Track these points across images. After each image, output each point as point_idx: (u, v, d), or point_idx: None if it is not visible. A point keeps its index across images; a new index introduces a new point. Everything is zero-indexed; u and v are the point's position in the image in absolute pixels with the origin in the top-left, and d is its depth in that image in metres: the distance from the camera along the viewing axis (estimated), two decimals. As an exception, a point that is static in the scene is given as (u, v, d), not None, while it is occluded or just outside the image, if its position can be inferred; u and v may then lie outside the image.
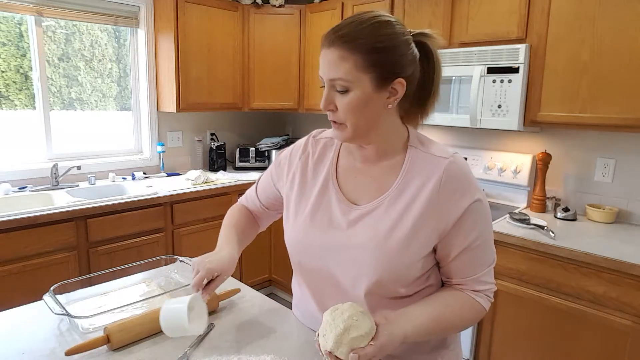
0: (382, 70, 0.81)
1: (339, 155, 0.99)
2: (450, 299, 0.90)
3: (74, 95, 2.82)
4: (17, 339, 0.99)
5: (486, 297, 0.92)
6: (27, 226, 2.04)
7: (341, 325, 0.76)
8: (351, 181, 0.95)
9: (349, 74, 0.80)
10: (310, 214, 0.96)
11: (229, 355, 0.93)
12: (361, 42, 0.79)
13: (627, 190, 2.11)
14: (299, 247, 0.98)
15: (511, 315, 1.96)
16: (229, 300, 1.19)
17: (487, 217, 0.89)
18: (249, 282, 2.95)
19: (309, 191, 0.98)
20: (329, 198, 0.95)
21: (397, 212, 0.87)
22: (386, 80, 0.82)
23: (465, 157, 2.58)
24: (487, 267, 0.90)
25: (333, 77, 0.82)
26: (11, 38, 2.53)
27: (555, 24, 1.97)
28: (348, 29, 0.81)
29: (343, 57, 0.80)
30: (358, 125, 0.85)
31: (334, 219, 0.92)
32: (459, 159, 0.88)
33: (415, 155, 0.90)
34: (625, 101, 1.81)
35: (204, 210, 2.74)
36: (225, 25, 3.03)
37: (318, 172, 0.99)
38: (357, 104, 0.82)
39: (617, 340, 1.68)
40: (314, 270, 0.97)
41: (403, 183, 0.88)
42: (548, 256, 1.81)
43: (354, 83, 0.81)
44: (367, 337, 0.76)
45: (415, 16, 2.46)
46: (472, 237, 0.87)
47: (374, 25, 0.81)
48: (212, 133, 3.45)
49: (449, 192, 0.85)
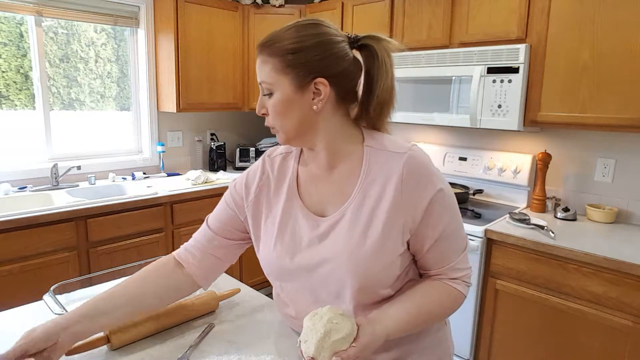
0: (299, 71, 0.82)
1: (299, 167, 0.96)
2: (428, 289, 0.91)
3: (73, 95, 2.82)
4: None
5: (463, 282, 0.93)
6: (27, 226, 2.04)
7: (321, 330, 0.75)
8: (313, 191, 0.93)
9: (269, 76, 0.84)
10: (278, 236, 0.93)
11: (229, 355, 0.93)
12: (277, 45, 0.83)
13: (627, 190, 2.11)
14: (273, 271, 0.95)
15: (511, 315, 1.96)
16: (229, 300, 1.19)
17: (453, 205, 0.90)
18: (249, 282, 2.95)
19: (274, 211, 0.95)
20: (295, 215, 0.93)
21: (365, 216, 0.86)
22: (305, 80, 0.83)
23: (465, 157, 2.59)
24: (460, 253, 0.92)
25: (260, 81, 0.86)
26: (12, 38, 2.53)
27: (555, 24, 1.97)
28: (271, 36, 0.85)
29: (264, 62, 0.85)
30: (287, 127, 0.87)
31: (303, 237, 0.91)
32: (416, 152, 0.87)
33: (373, 155, 0.89)
34: (625, 101, 1.81)
35: (204, 210, 2.74)
36: (225, 25, 3.03)
37: (280, 188, 0.96)
38: (280, 105, 0.85)
39: (617, 340, 1.68)
40: (294, 290, 0.95)
41: (365, 185, 0.87)
42: (548, 256, 1.81)
43: (274, 85, 0.84)
44: (348, 339, 0.76)
45: (415, 16, 2.47)
46: (441, 227, 0.87)
47: (292, 29, 0.84)
48: (212, 133, 3.45)
49: (412, 186, 0.85)
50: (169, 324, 1.03)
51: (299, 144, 0.92)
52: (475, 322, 2.07)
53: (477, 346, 2.10)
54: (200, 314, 1.09)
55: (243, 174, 1.02)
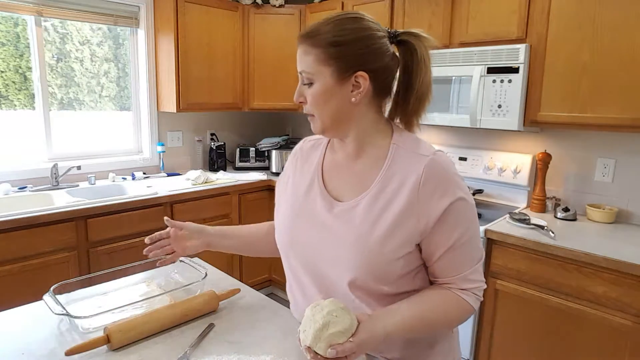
0: (341, 63, 0.85)
1: (325, 154, 1.02)
2: (435, 296, 0.90)
3: (73, 95, 2.82)
4: (17, 339, 0.99)
5: (474, 295, 0.91)
6: (27, 226, 2.04)
7: (320, 321, 0.76)
8: (335, 177, 0.97)
9: (310, 66, 0.86)
10: (296, 210, 0.99)
11: (229, 355, 0.93)
12: (321, 37, 0.85)
13: (627, 190, 2.11)
14: (285, 241, 1.01)
15: (511, 315, 1.96)
16: (229, 300, 1.19)
17: (471, 215, 0.89)
18: (249, 282, 2.95)
19: (297, 189, 1.02)
20: (314, 195, 0.97)
21: (378, 208, 0.88)
22: (346, 73, 0.85)
23: (465, 157, 2.58)
24: (473, 265, 0.90)
25: (299, 70, 0.89)
26: (10, 38, 2.54)
27: (555, 24, 1.97)
28: (313, 27, 0.87)
29: (306, 52, 0.87)
30: (324, 117, 0.90)
31: (318, 215, 0.95)
32: (440, 157, 0.88)
33: (397, 153, 0.91)
34: (625, 101, 1.81)
35: (204, 210, 2.74)
36: (225, 25, 3.03)
37: (305, 171, 1.03)
38: (320, 95, 0.87)
39: (617, 340, 1.68)
40: (301, 265, 0.98)
41: (384, 179, 0.89)
42: (548, 256, 1.81)
43: (315, 75, 0.86)
44: (346, 333, 0.76)
45: (415, 16, 2.47)
46: (455, 236, 0.86)
47: (337, 21, 0.86)
48: (212, 133, 3.45)
49: (429, 191, 0.85)
50: (169, 324, 1.03)
51: (332, 134, 0.95)
52: (475, 322, 2.07)
53: (477, 346, 2.10)
54: (200, 314, 1.09)
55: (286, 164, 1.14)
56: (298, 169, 1.05)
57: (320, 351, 0.75)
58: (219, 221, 2.84)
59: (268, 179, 3.09)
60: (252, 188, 3.01)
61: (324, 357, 0.75)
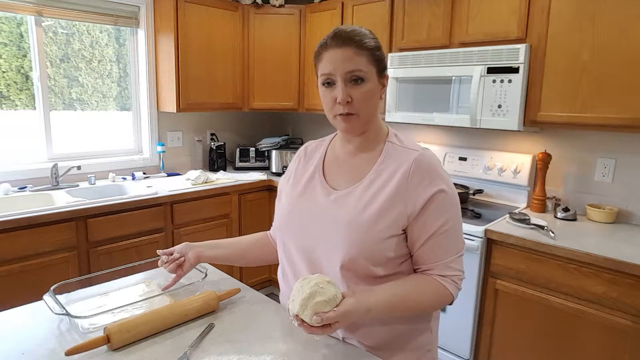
0: (381, 65, 0.99)
1: (327, 152, 1.13)
2: (416, 280, 0.99)
3: (74, 95, 2.82)
4: (17, 339, 0.99)
5: (453, 282, 0.99)
6: (27, 226, 2.04)
7: (307, 291, 0.83)
8: (334, 171, 1.08)
9: (364, 65, 0.95)
10: (297, 196, 1.09)
11: (228, 355, 0.93)
12: (367, 41, 0.96)
13: (627, 190, 2.11)
14: (283, 222, 1.10)
15: (511, 315, 1.96)
16: (229, 300, 1.19)
17: (453, 207, 0.99)
18: (249, 282, 2.95)
19: (299, 182, 1.12)
20: (314, 185, 1.08)
21: (371, 193, 0.98)
22: (382, 74, 1.01)
23: (465, 157, 2.59)
24: (454, 254, 0.99)
25: (351, 69, 0.95)
26: (12, 38, 2.54)
27: (555, 24, 1.97)
28: (352, 33, 0.96)
29: (358, 53, 0.95)
30: (368, 113, 0.99)
31: (316, 200, 1.05)
32: (428, 153, 1.00)
33: (391, 148, 1.03)
34: (625, 101, 1.81)
35: (204, 210, 2.74)
36: (225, 25, 3.03)
37: (308, 167, 1.13)
38: (370, 93, 0.97)
39: (617, 340, 1.68)
40: (295, 248, 1.06)
41: (377, 171, 1.01)
42: (548, 256, 1.81)
43: (368, 74, 0.96)
44: (330, 303, 0.83)
45: (415, 16, 2.47)
46: (438, 224, 0.96)
47: (365, 31, 0.99)
48: (212, 133, 3.45)
49: (417, 179, 0.96)
50: (169, 324, 1.03)
51: (365, 130, 1.03)
52: (475, 322, 2.07)
53: (477, 346, 2.10)
54: (200, 314, 1.10)
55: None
56: (301, 166, 1.15)
57: (307, 318, 0.82)
58: (219, 221, 2.84)
59: (268, 179, 3.09)
60: (252, 188, 3.01)
61: (310, 324, 0.82)
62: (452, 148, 2.67)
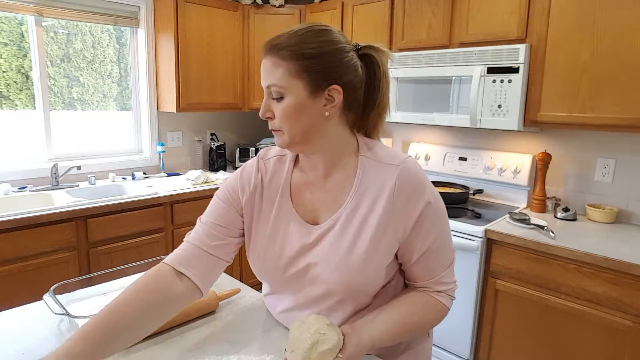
0: (315, 76, 0.82)
1: (293, 172, 0.96)
2: (413, 301, 0.92)
3: (75, 95, 2.82)
4: (17, 339, 0.99)
5: (448, 296, 0.94)
6: (27, 226, 2.04)
7: (309, 341, 0.76)
8: (307, 198, 0.93)
9: (281, 80, 0.82)
10: (269, 240, 0.94)
11: (228, 355, 0.93)
12: (293, 49, 0.81)
13: (627, 190, 2.11)
14: (263, 274, 0.99)
15: (511, 315, 1.96)
16: (229, 300, 1.19)
17: (442, 218, 0.91)
18: (249, 282, 2.94)
19: (266, 215, 0.95)
20: (287, 221, 0.93)
21: (355, 227, 0.87)
22: (320, 87, 0.82)
23: (465, 157, 2.59)
24: (447, 267, 0.93)
25: (268, 84, 0.84)
26: (12, 38, 2.53)
27: (555, 24, 1.97)
28: (282, 38, 0.82)
29: (276, 64, 0.82)
30: (294, 132, 0.85)
31: (294, 243, 0.91)
32: (410, 164, 0.87)
33: (367, 165, 0.89)
34: (625, 101, 1.81)
35: (203, 210, 2.73)
36: (225, 25, 3.03)
37: (273, 192, 0.96)
38: (292, 110, 0.83)
39: (617, 340, 1.68)
40: (283, 292, 0.99)
41: (357, 195, 0.88)
42: (548, 256, 1.81)
43: (287, 89, 0.82)
44: (335, 350, 0.77)
45: (415, 16, 2.47)
46: (430, 240, 0.89)
47: (307, 33, 0.83)
48: (212, 133, 3.45)
49: (403, 199, 0.85)
50: (169, 324, 1.03)
51: (300, 149, 0.90)
52: (475, 322, 2.07)
53: (477, 346, 2.10)
54: (200, 314, 1.09)
55: (236, 173, 1.01)
56: (265, 189, 0.96)
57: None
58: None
59: (268, 179, 3.08)
60: (252, 188, 3.00)
61: None
62: (452, 148, 2.67)
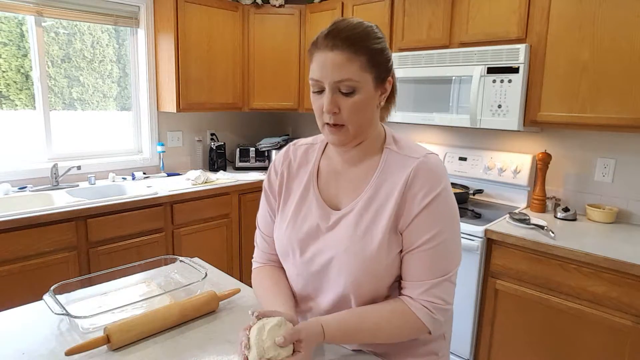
0: (380, 70, 0.86)
1: (320, 160, 1.00)
2: (384, 304, 0.89)
3: (75, 95, 2.82)
4: (17, 339, 0.99)
5: (425, 310, 0.85)
6: (27, 226, 2.04)
7: (255, 331, 0.79)
8: (332, 185, 0.96)
9: (356, 74, 0.82)
10: (292, 219, 0.98)
11: (229, 356, 0.93)
12: (363, 44, 0.83)
13: (627, 190, 2.11)
14: (282, 251, 1.01)
15: (511, 315, 1.96)
16: (229, 300, 1.19)
17: (451, 219, 0.87)
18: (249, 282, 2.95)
19: (292, 198, 1.00)
20: (309, 204, 0.97)
21: (371, 213, 0.89)
22: (383, 80, 0.87)
23: (465, 157, 2.59)
24: (439, 276, 0.85)
25: (340, 79, 0.82)
26: (12, 38, 2.53)
27: (555, 24, 1.97)
28: (348, 33, 0.82)
29: (349, 59, 0.82)
30: (359, 125, 0.87)
31: (313, 224, 0.95)
32: (431, 158, 0.88)
33: (390, 157, 0.92)
34: (625, 101, 1.81)
35: (204, 210, 2.74)
36: (225, 25, 3.03)
37: (299, 177, 1.01)
38: (363, 104, 0.85)
39: (617, 340, 1.68)
40: (300, 274, 0.99)
41: (377, 184, 0.90)
42: (548, 256, 1.81)
43: (360, 83, 0.83)
44: (281, 325, 0.80)
45: (416, 16, 2.47)
46: (426, 237, 0.85)
47: (368, 29, 0.85)
48: (212, 133, 3.45)
49: (415, 189, 0.86)
50: (169, 324, 1.03)
51: (356, 142, 0.92)
52: (475, 322, 2.07)
53: (477, 346, 2.10)
54: (200, 314, 1.09)
55: (271, 165, 1.07)
56: (292, 174, 1.02)
57: (272, 352, 0.77)
58: (219, 221, 2.84)
59: (268, 179, 3.08)
60: (252, 188, 3.01)
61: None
62: (452, 148, 2.67)
